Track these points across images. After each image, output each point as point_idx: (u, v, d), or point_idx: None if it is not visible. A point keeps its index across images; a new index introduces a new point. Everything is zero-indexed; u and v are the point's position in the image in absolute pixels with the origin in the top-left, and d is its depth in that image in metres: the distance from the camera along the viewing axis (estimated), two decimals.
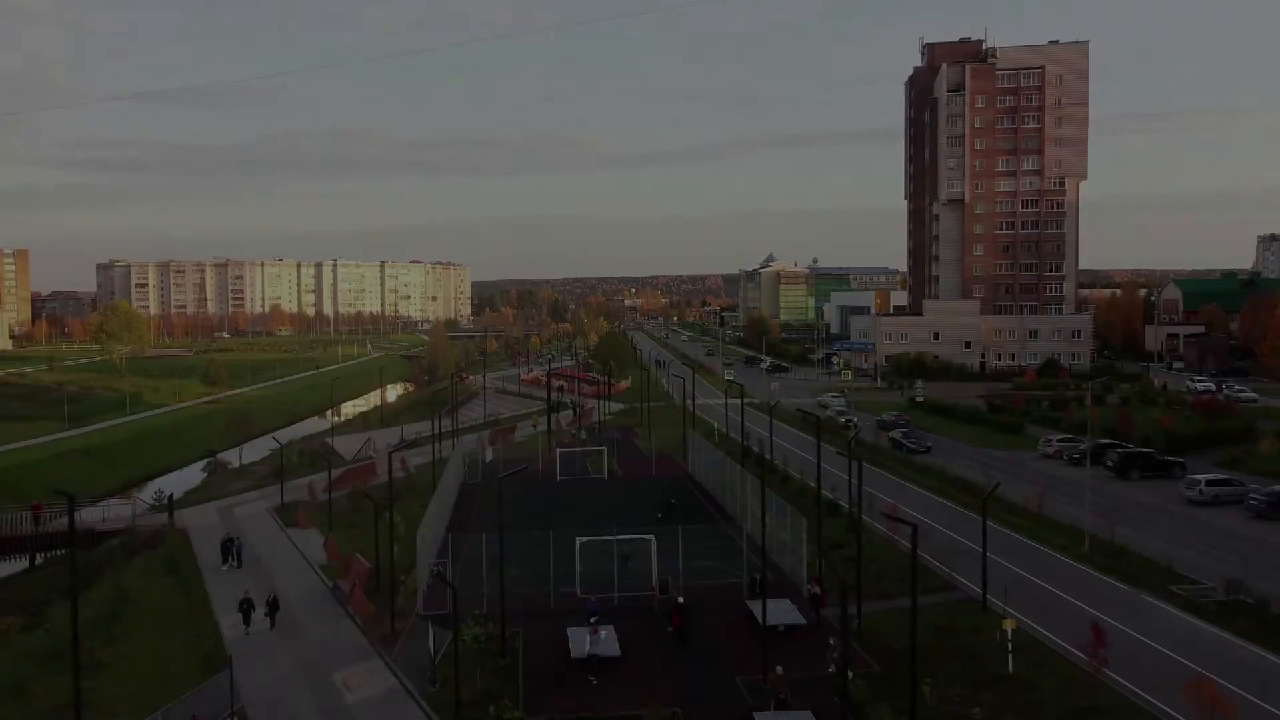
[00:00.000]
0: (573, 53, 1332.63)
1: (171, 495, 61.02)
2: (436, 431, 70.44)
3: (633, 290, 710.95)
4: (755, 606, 36.06)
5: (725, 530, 50.59)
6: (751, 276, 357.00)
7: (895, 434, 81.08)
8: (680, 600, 33.48)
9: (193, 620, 40.67)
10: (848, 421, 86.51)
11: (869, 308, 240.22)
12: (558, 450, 64.90)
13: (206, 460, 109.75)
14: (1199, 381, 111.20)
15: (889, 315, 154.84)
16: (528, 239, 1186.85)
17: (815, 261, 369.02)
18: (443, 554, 43.87)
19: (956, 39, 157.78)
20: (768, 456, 67.02)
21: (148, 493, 73.85)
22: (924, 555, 42.82)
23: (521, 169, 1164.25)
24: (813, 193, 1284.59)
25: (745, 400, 65.44)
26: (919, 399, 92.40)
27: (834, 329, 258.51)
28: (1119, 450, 63.61)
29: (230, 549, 48.22)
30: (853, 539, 46.51)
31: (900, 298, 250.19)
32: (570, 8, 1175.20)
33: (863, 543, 42.43)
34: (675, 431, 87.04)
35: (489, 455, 66.33)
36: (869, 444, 76.20)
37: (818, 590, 35.53)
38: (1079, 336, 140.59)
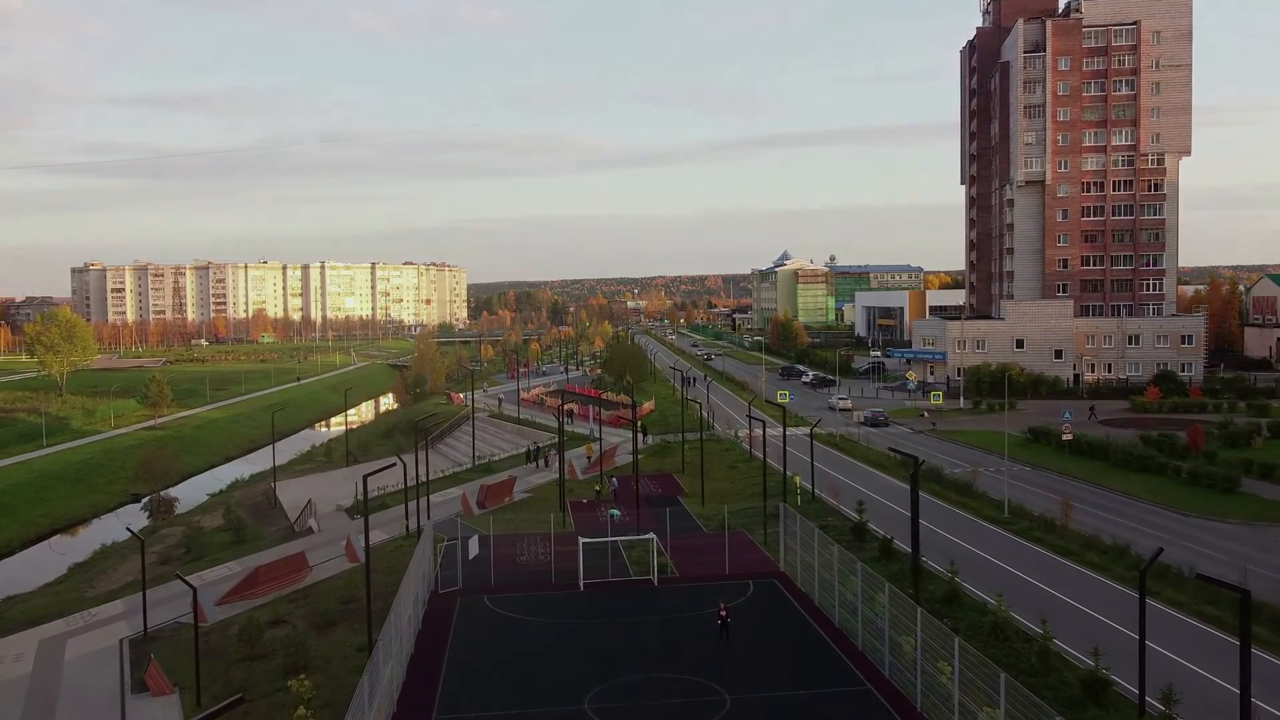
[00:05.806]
0: (569, 52, 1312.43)
1: None
2: (368, 505, 46.85)
3: (635, 291, 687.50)
4: None
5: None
6: (766, 275, 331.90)
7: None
8: None
9: None
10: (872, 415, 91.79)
11: (902, 308, 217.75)
12: (580, 541, 41.46)
13: (145, 500, 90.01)
14: None
15: (966, 319, 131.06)
16: (526, 240, 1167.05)
17: (833, 259, 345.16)
18: None
19: None
20: (929, 562, 42.49)
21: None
22: None
23: (520, 170, 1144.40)
24: (812, 192, 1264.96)
25: (809, 429, 40.86)
26: (1066, 437, 67.50)
27: (859, 331, 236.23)
28: None
29: None
30: None
31: (935, 297, 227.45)
32: (568, 7, 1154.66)
33: None
34: (737, 487, 63.51)
35: (474, 548, 42.90)
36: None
37: None
38: (1189, 342, 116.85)
